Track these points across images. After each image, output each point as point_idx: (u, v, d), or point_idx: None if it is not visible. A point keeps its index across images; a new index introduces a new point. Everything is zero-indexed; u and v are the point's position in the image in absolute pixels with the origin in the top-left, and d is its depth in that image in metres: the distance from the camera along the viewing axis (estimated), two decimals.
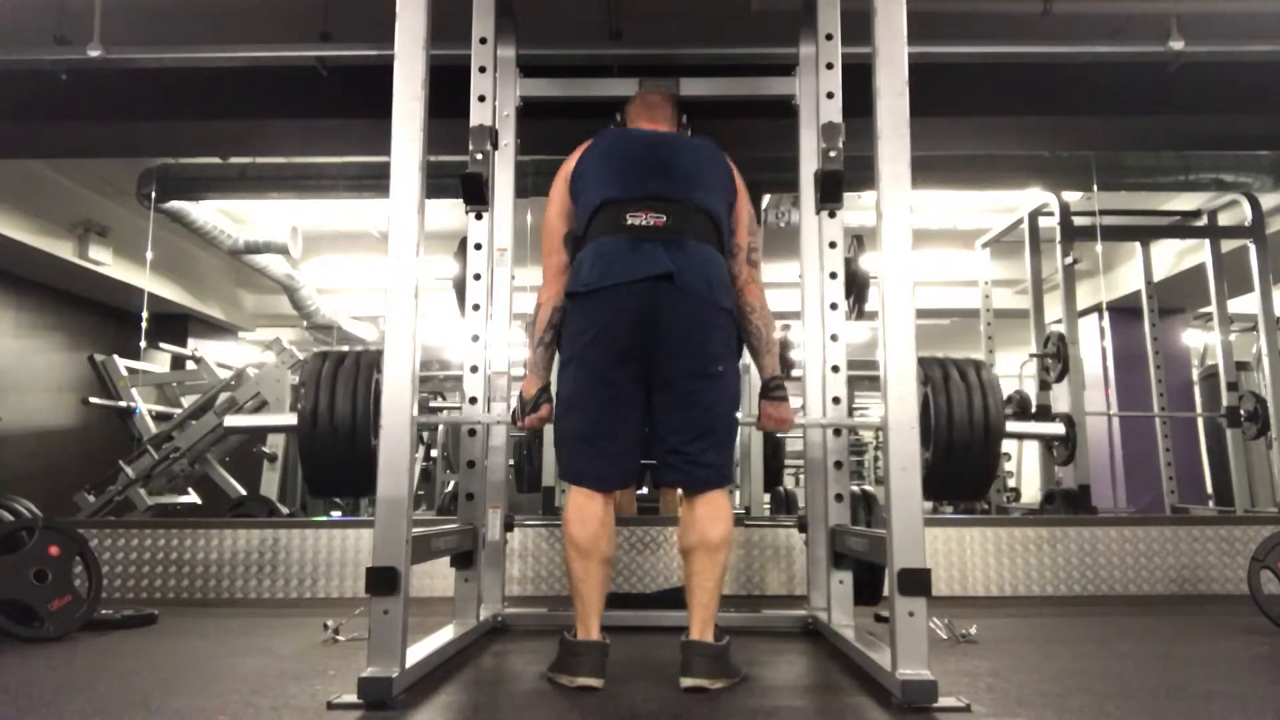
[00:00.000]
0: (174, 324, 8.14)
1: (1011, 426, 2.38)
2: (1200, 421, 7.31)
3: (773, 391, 2.53)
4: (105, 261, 7.11)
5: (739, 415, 2.47)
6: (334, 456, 2.28)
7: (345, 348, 2.46)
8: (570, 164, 2.53)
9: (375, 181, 5.58)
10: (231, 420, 2.45)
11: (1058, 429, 2.50)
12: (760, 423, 2.57)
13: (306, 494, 6.82)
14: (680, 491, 2.41)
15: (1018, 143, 5.45)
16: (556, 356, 2.45)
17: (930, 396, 2.33)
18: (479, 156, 2.61)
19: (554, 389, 2.46)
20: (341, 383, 2.29)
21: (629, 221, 2.32)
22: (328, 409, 2.26)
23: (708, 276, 2.30)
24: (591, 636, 2.23)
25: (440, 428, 6.93)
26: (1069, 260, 6.08)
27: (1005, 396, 6.58)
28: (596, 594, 2.27)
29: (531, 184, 4.98)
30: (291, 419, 2.33)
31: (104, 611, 3.15)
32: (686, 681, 2.13)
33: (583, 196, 2.45)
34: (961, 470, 2.35)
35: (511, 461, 3.17)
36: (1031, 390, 6.51)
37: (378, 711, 1.96)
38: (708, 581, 2.25)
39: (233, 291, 9.15)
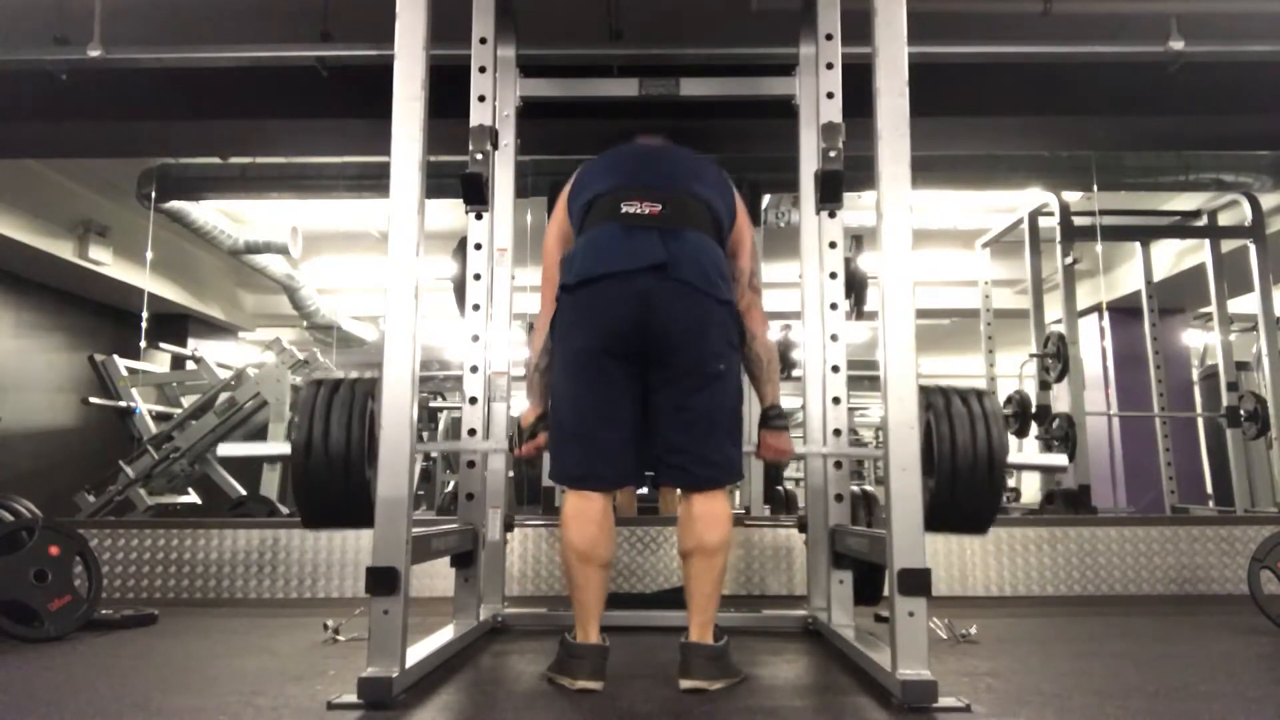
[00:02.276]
0: (174, 324, 8.15)
1: (1015, 459, 2.35)
2: (1200, 421, 7.31)
3: (772, 421, 2.52)
4: (105, 261, 7.11)
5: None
6: (328, 488, 2.27)
7: (340, 374, 2.44)
8: (568, 186, 2.50)
9: (375, 181, 5.59)
10: (225, 450, 2.43)
11: (1061, 461, 2.48)
12: (760, 453, 2.56)
13: None
14: (679, 491, 2.39)
15: (1018, 143, 5.46)
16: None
17: (933, 424, 2.32)
18: (479, 156, 2.61)
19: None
20: (336, 412, 2.28)
21: (623, 210, 2.26)
22: (322, 439, 2.25)
23: (704, 267, 2.23)
24: (591, 640, 2.21)
25: (440, 427, 6.93)
26: (1069, 260, 6.09)
27: (1005, 397, 6.60)
28: (596, 598, 2.24)
29: (531, 184, 4.99)
30: (285, 448, 2.32)
31: (104, 611, 3.15)
32: (685, 683, 2.12)
33: (577, 201, 2.41)
34: (965, 500, 2.33)
35: (511, 474, 3.17)
36: (1031, 390, 6.51)
37: (378, 711, 1.96)
38: (706, 584, 2.23)
39: (233, 291, 9.16)
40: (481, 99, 3.12)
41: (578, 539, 2.24)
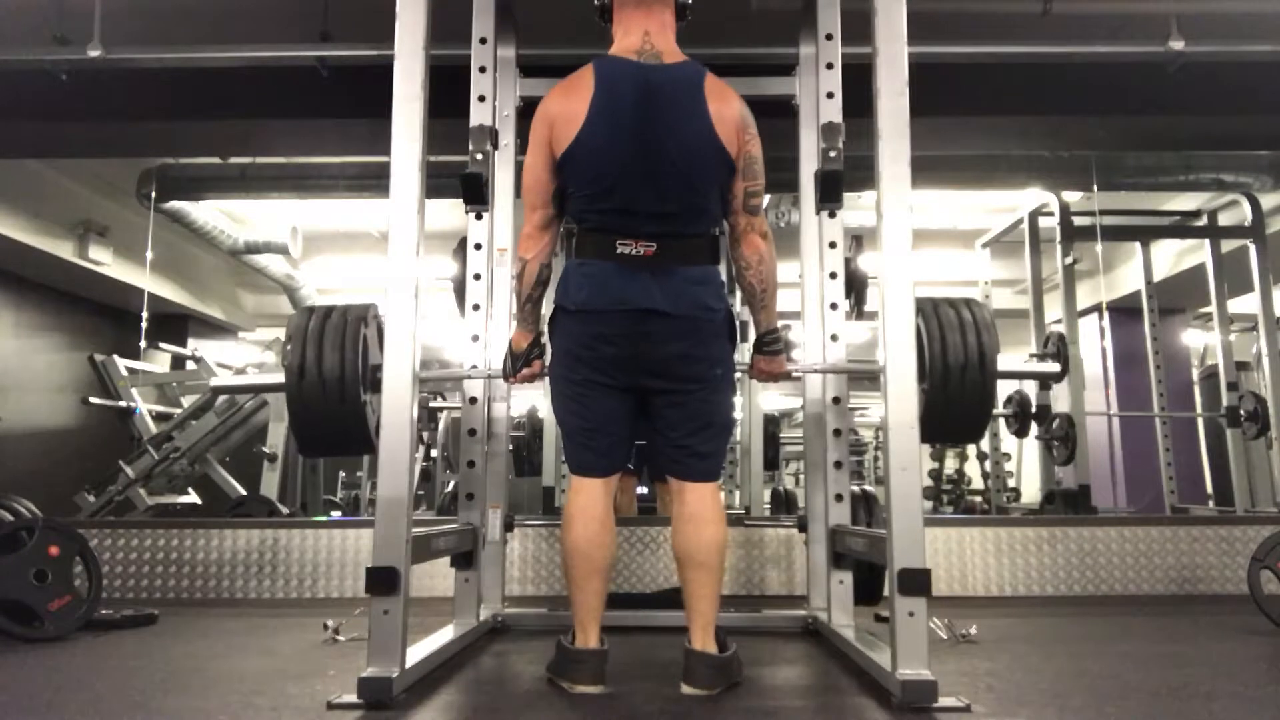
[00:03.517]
0: (174, 324, 8.15)
1: (1006, 365, 2.32)
2: (1200, 421, 7.31)
3: (767, 345, 2.45)
4: (105, 261, 7.11)
5: (736, 404, 2.45)
6: (323, 412, 2.23)
7: (331, 303, 2.41)
8: (554, 104, 2.29)
9: (375, 181, 5.59)
10: (218, 381, 2.43)
11: (1052, 368, 2.47)
12: (752, 373, 2.53)
13: (307, 494, 6.83)
14: (672, 485, 2.38)
15: (1018, 143, 5.46)
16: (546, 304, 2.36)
17: (923, 326, 2.30)
18: (479, 156, 2.60)
19: (544, 333, 2.39)
20: (329, 337, 2.25)
21: (619, 250, 2.23)
22: (315, 363, 2.22)
23: (698, 301, 2.24)
24: (590, 644, 2.20)
25: (440, 427, 6.93)
26: (1069, 260, 6.09)
27: (1005, 397, 6.60)
28: (596, 601, 2.23)
29: None
30: (279, 377, 2.29)
31: (104, 611, 3.15)
32: (688, 690, 2.11)
33: (571, 173, 2.27)
34: (958, 405, 2.30)
35: (510, 448, 3.14)
36: (1031, 390, 6.50)
37: (378, 711, 1.96)
38: (703, 588, 2.22)
39: (233, 291, 9.16)
40: (481, 99, 3.12)
41: (579, 538, 2.24)
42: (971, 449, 9.11)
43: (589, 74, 2.29)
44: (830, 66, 3.09)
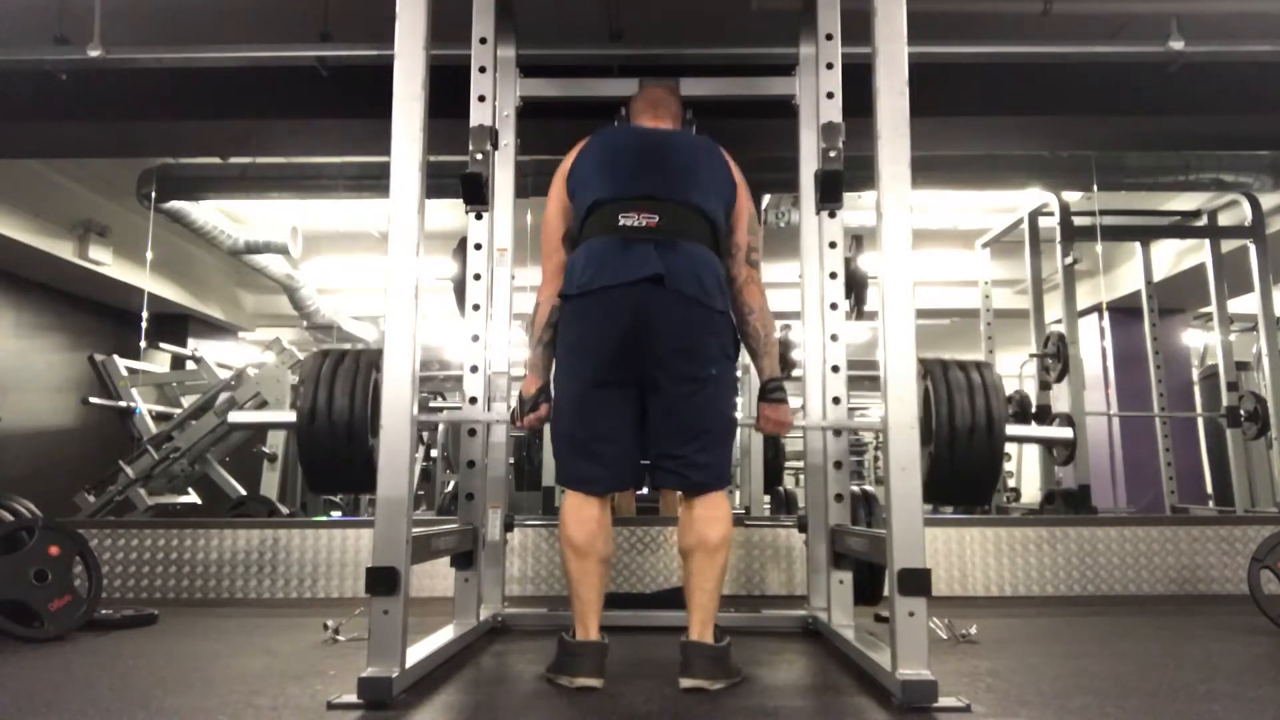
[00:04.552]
0: (174, 324, 8.14)
1: (1016, 430, 2.33)
2: (1200, 421, 7.31)
3: (771, 394, 2.52)
4: (105, 261, 7.11)
5: (738, 416, 2.47)
6: (332, 453, 2.29)
7: (346, 346, 2.45)
8: (567, 163, 2.53)
9: (375, 181, 5.59)
10: (235, 416, 2.49)
11: (1066, 434, 2.44)
12: (759, 425, 2.57)
13: (306, 494, 6.83)
14: (679, 493, 2.40)
15: (1018, 143, 5.46)
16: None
17: (930, 390, 2.31)
18: (479, 156, 2.61)
19: (552, 389, 2.46)
20: (340, 381, 2.30)
21: (621, 222, 2.30)
22: (326, 406, 2.27)
23: (699, 278, 2.27)
24: (590, 637, 2.22)
25: (440, 427, 6.93)
26: (1069, 260, 6.08)
27: (1006, 397, 6.60)
28: (594, 594, 2.26)
29: (531, 184, 4.98)
30: (291, 416, 2.34)
31: (104, 611, 3.15)
32: (686, 682, 2.13)
33: (578, 195, 2.44)
34: (964, 469, 2.30)
35: (511, 460, 3.16)
36: (1031, 390, 6.51)
37: (378, 711, 1.96)
38: (707, 582, 2.24)
39: (233, 291, 9.15)
40: (481, 99, 3.12)
41: (575, 535, 2.27)
42: None
43: (585, 140, 2.54)
44: (830, 66, 3.09)
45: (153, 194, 6.01)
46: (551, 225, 2.51)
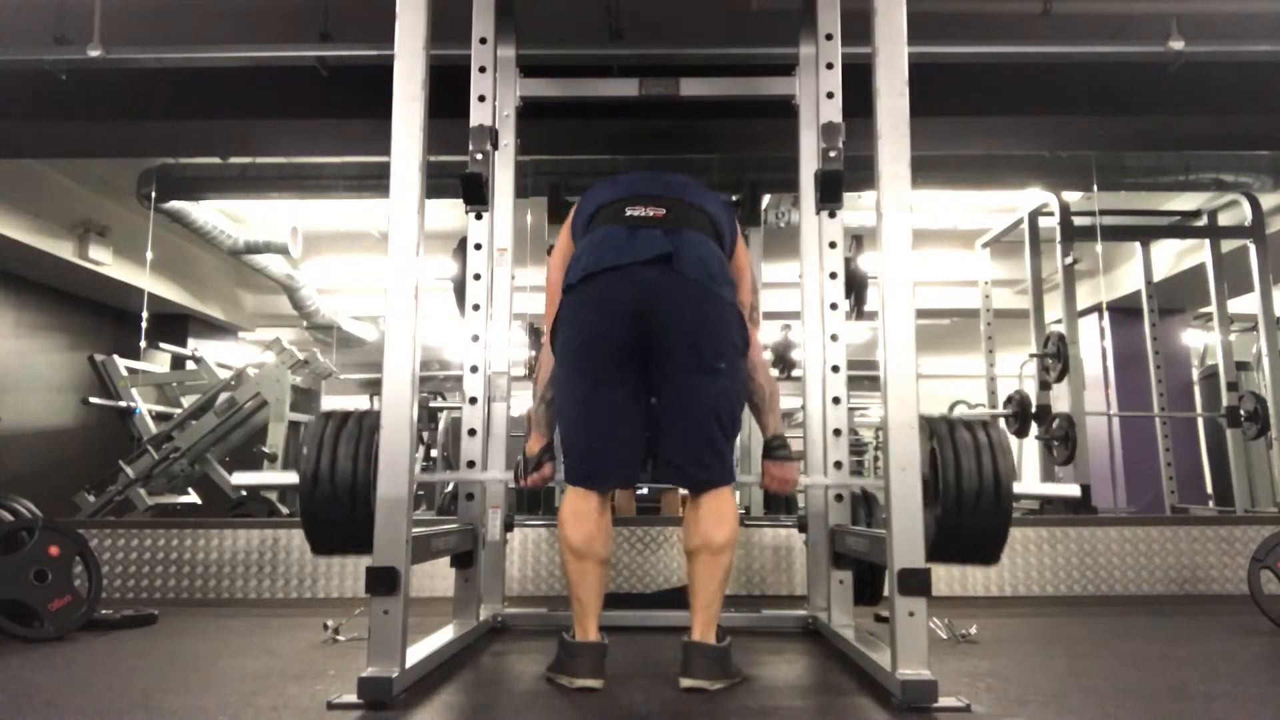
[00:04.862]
0: (174, 324, 8.14)
1: (1023, 489, 2.30)
2: (1200, 421, 7.31)
3: (776, 450, 2.53)
4: (105, 261, 7.11)
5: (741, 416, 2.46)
6: (334, 517, 2.30)
7: (350, 407, 2.48)
8: (571, 213, 2.54)
9: (375, 181, 5.58)
10: (239, 478, 2.49)
11: (1073, 491, 2.42)
12: (764, 483, 2.57)
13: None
14: (684, 491, 2.40)
15: (1018, 143, 5.45)
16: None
17: (937, 451, 2.31)
18: (479, 156, 2.61)
19: (556, 441, 2.46)
20: (343, 445, 2.31)
21: (628, 213, 2.31)
22: (329, 470, 2.29)
23: (708, 264, 2.26)
24: (589, 637, 2.22)
25: (440, 427, 6.92)
26: (1069, 260, 6.08)
27: (1006, 397, 6.60)
28: (593, 595, 2.25)
29: (531, 184, 4.99)
30: (294, 478, 2.37)
31: (104, 611, 3.15)
32: (686, 682, 2.12)
33: (581, 219, 2.45)
34: (972, 532, 2.28)
35: (511, 485, 3.19)
36: (1032, 390, 6.50)
37: (378, 711, 1.96)
38: (711, 583, 2.23)
39: (233, 291, 9.15)
40: (481, 99, 3.12)
41: (575, 535, 2.26)
42: None
43: None
44: (830, 66, 3.09)
45: (153, 194, 6.01)
46: (555, 278, 2.43)
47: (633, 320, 2.20)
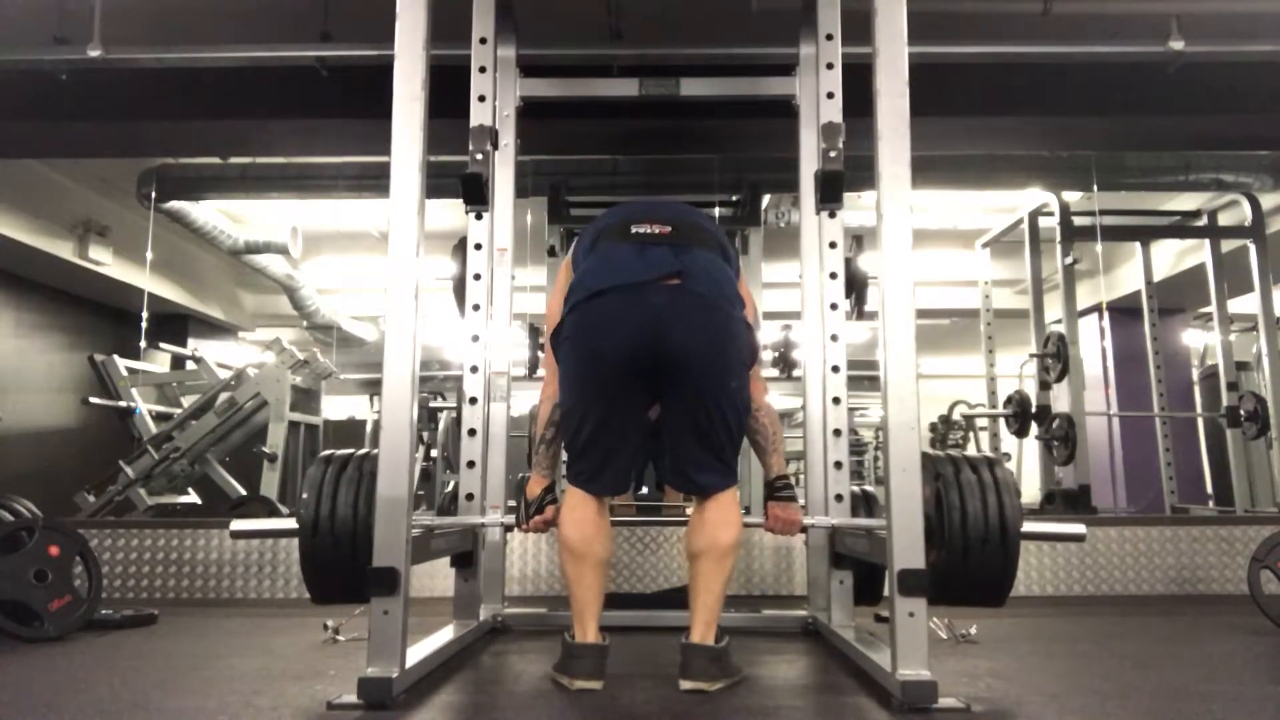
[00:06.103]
0: (174, 324, 8.15)
1: (1030, 528, 2.29)
2: (1200, 421, 7.31)
3: (779, 492, 2.54)
4: (105, 261, 7.11)
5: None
6: (334, 565, 2.30)
7: (349, 450, 2.47)
8: (572, 247, 2.52)
9: (375, 181, 5.59)
10: (237, 525, 2.49)
11: (1079, 530, 2.41)
12: (768, 524, 2.57)
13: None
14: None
15: (1018, 143, 5.46)
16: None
17: (942, 494, 2.29)
18: (479, 156, 2.61)
19: (560, 486, 2.45)
20: (343, 490, 2.31)
21: (634, 230, 2.29)
22: (329, 518, 2.29)
23: (718, 282, 2.24)
24: (589, 639, 2.21)
25: (440, 426, 6.93)
26: (1069, 260, 6.08)
27: (1006, 397, 6.60)
28: (592, 595, 2.25)
29: (531, 184, 4.99)
30: (293, 524, 2.37)
31: (104, 611, 3.15)
32: (685, 684, 2.12)
33: (582, 246, 2.42)
34: (978, 574, 2.26)
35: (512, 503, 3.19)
36: (1032, 390, 6.51)
37: (378, 711, 1.96)
38: (714, 585, 2.23)
39: (233, 291, 9.16)
40: (481, 99, 3.12)
41: (572, 537, 2.26)
42: (971, 448, 9.11)
43: None
44: (830, 66, 3.09)
45: (153, 194, 6.02)
46: (555, 314, 2.38)
47: (642, 338, 2.17)
